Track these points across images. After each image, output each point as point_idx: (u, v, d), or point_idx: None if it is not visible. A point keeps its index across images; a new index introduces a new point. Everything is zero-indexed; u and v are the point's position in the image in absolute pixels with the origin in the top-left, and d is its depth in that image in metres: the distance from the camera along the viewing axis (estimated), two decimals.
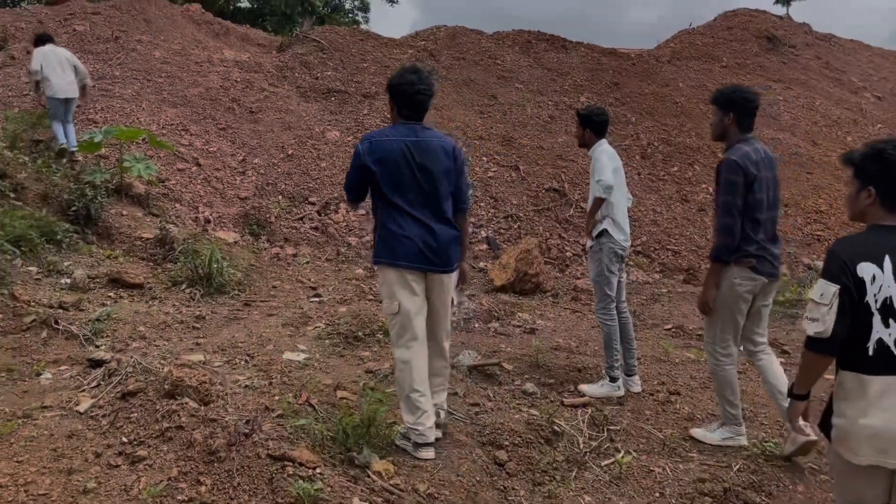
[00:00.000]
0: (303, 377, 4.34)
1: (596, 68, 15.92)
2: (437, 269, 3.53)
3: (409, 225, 3.46)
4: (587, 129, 5.07)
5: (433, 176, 3.50)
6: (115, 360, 3.83)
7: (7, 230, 6.53)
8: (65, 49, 9.69)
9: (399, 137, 3.50)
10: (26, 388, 3.90)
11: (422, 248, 3.44)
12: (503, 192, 11.15)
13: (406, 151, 3.46)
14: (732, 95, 4.11)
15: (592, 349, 6.25)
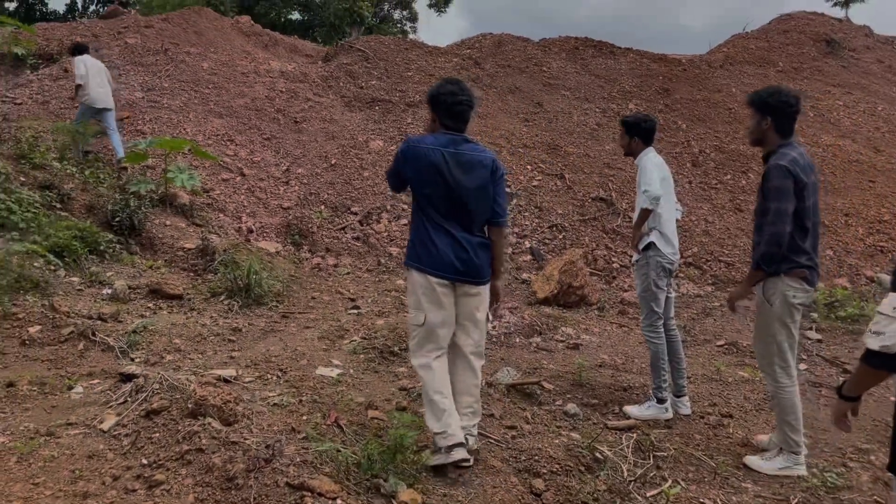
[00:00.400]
0: (334, 394, 4.20)
1: (645, 74, 15.53)
2: (466, 280, 3.47)
3: (440, 236, 3.43)
4: (634, 137, 4.84)
5: (469, 189, 3.44)
6: (143, 375, 3.76)
7: (51, 241, 6.60)
8: (98, 60, 9.88)
9: (439, 147, 3.45)
10: (56, 402, 3.85)
11: (452, 260, 3.40)
12: (548, 202, 10.90)
13: (443, 162, 3.41)
14: (770, 99, 3.86)
15: (639, 366, 5.98)
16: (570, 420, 4.44)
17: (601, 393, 5.06)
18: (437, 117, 3.57)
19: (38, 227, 6.72)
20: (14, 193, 6.91)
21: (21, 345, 4.91)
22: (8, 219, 6.60)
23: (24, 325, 5.17)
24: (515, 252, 9.80)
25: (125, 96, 11.32)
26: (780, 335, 3.89)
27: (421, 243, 3.46)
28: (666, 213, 4.77)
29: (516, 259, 9.59)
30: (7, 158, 7.83)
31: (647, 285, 4.71)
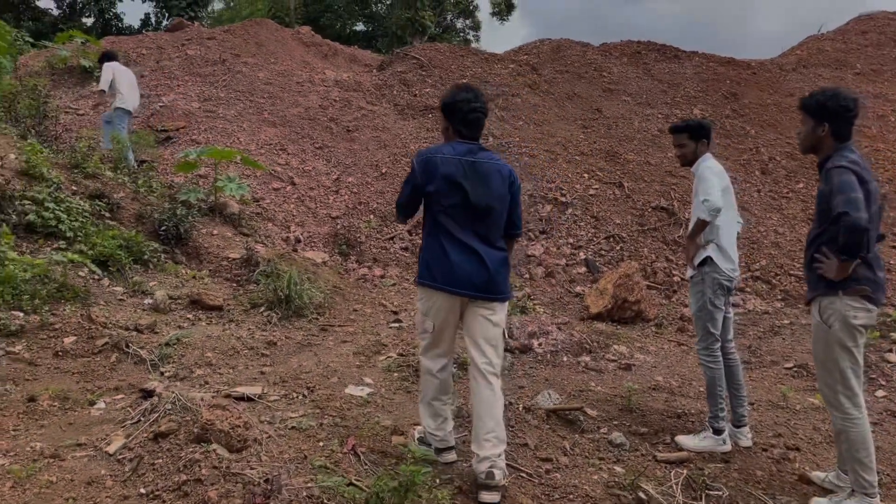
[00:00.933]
0: (360, 417, 3.96)
1: (711, 78, 14.87)
2: (484, 297, 3.36)
3: (456, 250, 3.30)
4: (692, 143, 4.45)
5: (486, 199, 3.34)
6: (158, 394, 3.60)
7: (97, 250, 6.61)
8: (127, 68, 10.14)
9: (456, 156, 3.35)
10: (74, 419, 3.74)
11: (469, 275, 3.29)
12: (605, 211, 10.47)
13: (462, 172, 3.32)
14: (828, 103, 3.46)
15: (697, 390, 5.54)
16: (615, 451, 4.07)
17: (652, 420, 4.67)
18: (451, 126, 3.46)
19: (84, 237, 6.74)
20: (64, 203, 6.96)
21: (54, 356, 4.86)
22: (56, 228, 6.65)
23: (61, 335, 5.14)
24: (569, 264, 9.41)
25: (182, 106, 11.47)
26: (842, 361, 3.47)
27: (435, 259, 3.33)
28: (725, 224, 4.36)
29: (569, 271, 9.20)
30: (61, 168, 7.94)
31: (702, 304, 4.31)
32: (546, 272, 9.07)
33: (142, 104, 11.41)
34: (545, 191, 10.72)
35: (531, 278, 8.91)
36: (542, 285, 8.78)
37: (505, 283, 3.42)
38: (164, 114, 11.30)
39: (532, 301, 7.88)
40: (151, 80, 12.66)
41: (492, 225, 3.38)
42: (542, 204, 10.46)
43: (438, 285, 3.31)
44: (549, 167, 11.28)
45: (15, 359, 4.73)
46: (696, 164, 4.43)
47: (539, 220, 10.18)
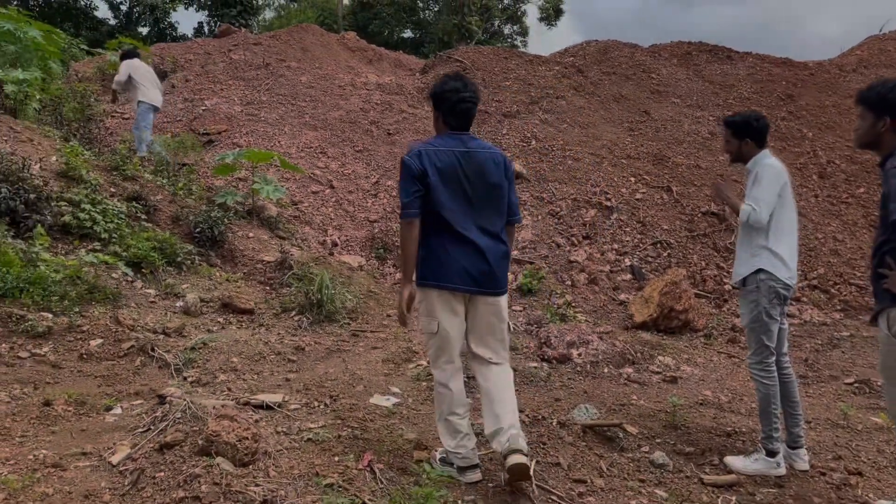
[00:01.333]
0: (382, 429, 3.75)
1: (766, 80, 14.30)
2: (486, 292, 3.27)
3: (457, 245, 3.21)
4: (746, 139, 4.11)
5: (484, 189, 3.28)
6: (169, 401, 3.45)
7: (131, 252, 6.57)
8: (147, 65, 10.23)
9: (449, 148, 3.25)
10: (87, 425, 3.61)
11: (469, 270, 3.20)
12: (652, 216, 10.07)
13: (457, 163, 3.23)
14: (888, 95, 3.12)
15: (748, 406, 5.17)
16: (657, 472, 3.76)
17: (699, 438, 4.33)
18: (440, 116, 3.36)
19: (119, 238, 6.72)
20: (100, 204, 6.96)
21: (79, 359, 4.79)
22: (91, 229, 6.63)
23: (87, 337, 5.07)
24: (614, 270, 9.06)
25: (224, 110, 11.50)
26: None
27: (435, 258, 3.22)
28: (785, 228, 4.02)
29: (614, 278, 8.85)
30: (101, 170, 7.96)
31: (756, 315, 3.96)
32: (589, 279, 8.74)
33: (185, 108, 11.50)
34: (589, 195, 10.38)
35: (573, 285, 8.59)
36: (584, 292, 8.45)
37: (505, 276, 3.36)
38: (207, 117, 11.35)
39: (573, 309, 7.58)
40: (196, 85, 12.76)
41: (492, 215, 3.30)
42: (585, 208, 10.13)
43: (440, 283, 3.21)
44: (593, 171, 10.93)
45: (39, 361, 4.67)
46: (752, 161, 4.10)
47: (583, 224, 9.85)
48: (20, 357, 4.62)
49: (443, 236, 3.21)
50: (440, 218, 3.20)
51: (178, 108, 11.59)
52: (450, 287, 3.20)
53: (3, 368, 4.41)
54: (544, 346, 5.80)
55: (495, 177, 3.29)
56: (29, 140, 8.01)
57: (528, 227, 9.68)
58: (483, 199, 3.26)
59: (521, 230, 9.62)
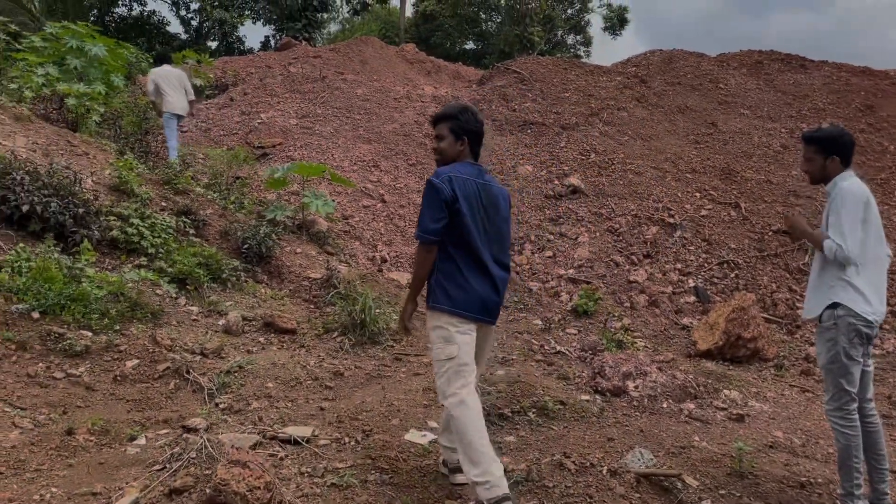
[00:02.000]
0: (415, 472, 3.46)
1: (843, 90, 13.48)
2: (491, 321, 3.37)
3: (477, 274, 3.24)
4: (832, 157, 3.65)
5: (498, 221, 3.35)
6: (184, 439, 3.24)
7: (177, 267, 6.49)
8: (179, 70, 10.27)
9: (472, 177, 3.28)
10: (107, 457, 3.44)
11: (485, 300, 3.26)
12: (719, 234, 9.52)
13: (477, 192, 3.27)
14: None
15: (825, 451, 4.68)
16: None
17: (768, 490, 3.89)
18: (468, 144, 3.37)
19: (165, 254, 6.65)
20: (149, 219, 6.92)
21: (113, 381, 4.67)
22: (139, 244, 6.59)
23: (124, 358, 4.96)
24: (676, 292, 8.56)
25: (280, 123, 11.49)
26: None
27: (456, 285, 3.21)
28: (867, 256, 3.56)
29: (676, 300, 8.36)
30: (154, 184, 7.97)
31: (834, 355, 3.52)
32: (649, 300, 8.28)
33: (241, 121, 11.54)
34: (651, 211, 9.90)
35: (632, 307, 8.14)
36: (643, 315, 8.00)
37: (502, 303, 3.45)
38: (262, 130, 11.36)
39: (631, 334, 7.14)
40: (253, 98, 12.83)
41: (504, 247, 3.39)
42: (646, 225, 9.65)
43: (460, 311, 3.20)
44: (655, 185, 10.44)
45: (74, 382, 4.56)
46: (831, 184, 3.66)
47: (643, 242, 9.38)
48: (55, 377, 4.52)
49: (462, 266, 3.21)
50: (466, 245, 3.20)
51: (235, 122, 11.64)
52: (469, 316, 3.21)
53: (35, 390, 4.31)
54: (598, 377, 5.42)
55: (505, 211, 3.39)
56: (85, 154, 8.08)
57: (584, 245, 9.27)
58: (496, 231, 3.32)
59: (577, 247, 9.22)
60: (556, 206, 10.00)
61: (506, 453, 3.90)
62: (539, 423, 4.40)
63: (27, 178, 6.05)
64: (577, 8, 39.59)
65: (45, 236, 5.83)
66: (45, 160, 7.00)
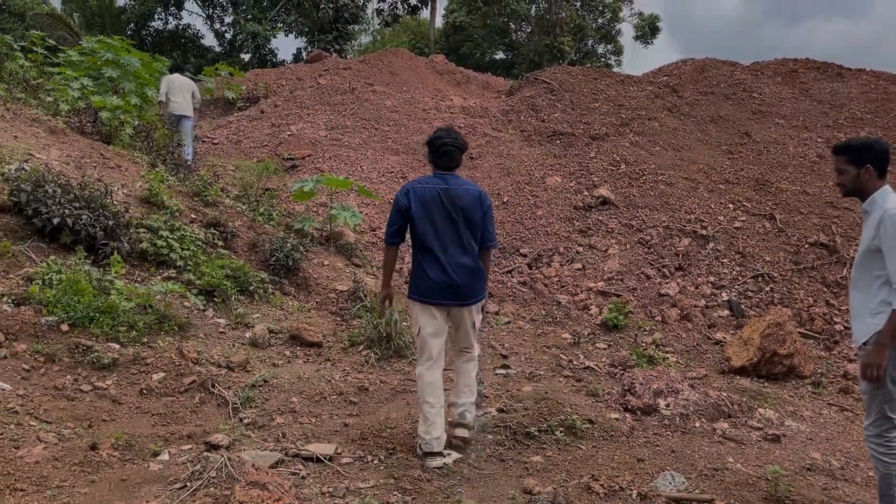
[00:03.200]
0: (437, 493, 3.39)
1: (882, 98, 13.13)
2: (457, 304, 4.07)
3: (435, 267, 3.98)
4: (866, 166, 3.45)
5: (460, 220, 4.02)
6: (203, 457, 3.21)
7: (205, 279, 6.52)
8: (186, 78, 11.26)
9: (432, 185, 4.06)
10: (129, 474, 3.43)
11: (444, 288, 3.98)
12: (753, 247, 9.30)
13: (438, 197, 4.01)
14: None
15: (865, 475, 4.50)
16: None
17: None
18: (430, 159, 4.20)
19: (194, 266, 6.69)
20: (178, 231, 6.97)
21: (139, 394, 4.68)
22: (168, 256, 6.63)
23: (151, 370, 4.97)
24: (709, 306, 8.37)
25: (309, 135, 11.55)
26: None
27: (419, 277, 4.05)
28: None
29: (709, 314, 8.16)
30: (184, 196, 8.05)
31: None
32: (681, 314, 8.10)
33: (272, 133, 11.63)
34: (683, 222, 9.72)
35: (663, 321, 7.97)
36: (675, 329, 7.82)
37: (474, 290, 4.09)
38: (292, 142, 11.42)
39: (662, 349, 6.99)
40: (283, 110, 12.93)
41: (466, 241, 4.04)
42: (678, 237, 9.48)
43: (421, 298, 4.04)
44: (688, 196, 10.25)
45: (101, 395, 4.58)
46: (869, 201, 3.47)
47: (675, 255, 9.20)
48: (82, 390, 4.54)
49: (423, 261, 4.01)
50: (421, 243, 4.02)
51: (265, 134, 11.73)
52: (429, 301, 4.01)
53: (62, 403, 4.33)
54: (628, 394, 5.29)
55: (471, 209, 4.04)
56: (117, 166, 8.19)
57: (614, 257, 9.13)
58: (459, 227, 4.01)
59: (607, 260, 9.09)
60: (585, 217, 9.87)
61: (532, 474, 3.81)
62: (567, 442, 4.30)
63: (59, 191, 6.13)
64: (608, 17, 39.38)
65: (75, 248, 5.89)
66: (78, 172, 7.09)
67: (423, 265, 3.99)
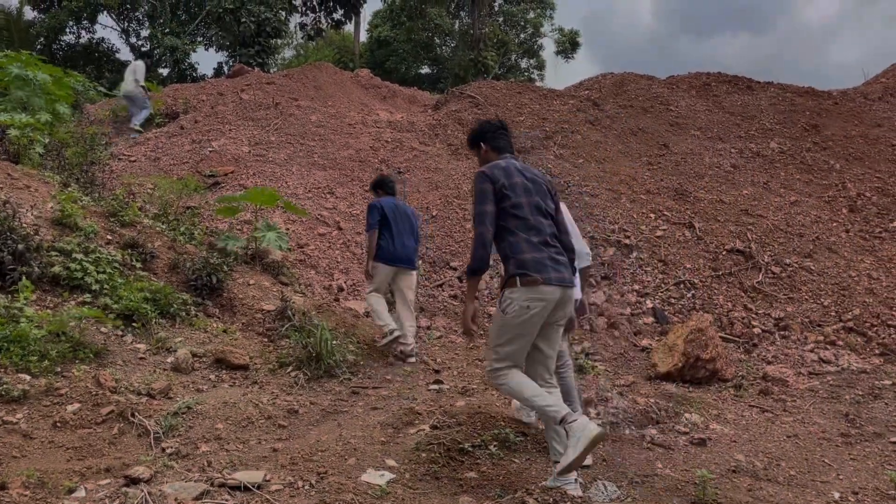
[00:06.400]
0: None
1: (789, 110, 13.87)
2: (403, 266, 6.79)
3: (390, 243, 6.69)
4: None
5: (405, 225, 6.81)
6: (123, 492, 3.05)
7: (123, 303, 6.24)
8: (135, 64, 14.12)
9: (391, 203, 6.90)
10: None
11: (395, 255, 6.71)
12: (674, 255, 9.61)
13: (396, 207, 6.87)
14: None
15: (787, 474, 4.67)
16: None
17: None
18: (379, 190, 7.24)
19: (111, 289, 6.39)
20: (93, 253, 6.65)
21: (52, 427, 4.41)
22: (82, 280, 6.31)
23: (65, 402, 4.70)
24: (635, 313, 8.59)
25: (232, 151, 11.29)
26: None
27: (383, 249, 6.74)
28: None
29: (635, 322, 8.37)
30: (99, 216, 7.70)
31: None
32: (608, 323, 8.28)
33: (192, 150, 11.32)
34: (607, 233, 9.96)
35: (592, 330, 8.13)
36: (603, 338, 7.98)
37: (415, 259, 7.00)
38: (214, 159, 11.13)
39: (591, 358, 7.11)
40: (204, 126, 12.60)
41: (407, 235, 6.81)
42: (604, 247, 9.70)
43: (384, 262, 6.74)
44: (611, 207, 10.52)
45: (11, 430, 4.29)
46: None
47: (601, 264, 9.41)
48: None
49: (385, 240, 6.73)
50: (387, 230, 6.73)
51: (186, 150, 11.39)
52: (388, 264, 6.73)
53: None
54: None
55: (412, 218, 6.98)
56: (26, 187, 7.77)
57: None
58: (406, 228, 6.80)
59: None
60: None
61: (466, 491, 3.78)
62: (501, 456, 4.29)
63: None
64: (530, 32, 40.23)
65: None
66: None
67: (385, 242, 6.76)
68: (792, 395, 6.75)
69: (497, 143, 4.11)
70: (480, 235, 3.69)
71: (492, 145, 4.12)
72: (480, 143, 4.18)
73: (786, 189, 11.24)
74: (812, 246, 9.84)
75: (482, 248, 3.68)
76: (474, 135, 4.28)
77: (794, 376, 7.19)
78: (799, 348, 8.02)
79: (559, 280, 3.68)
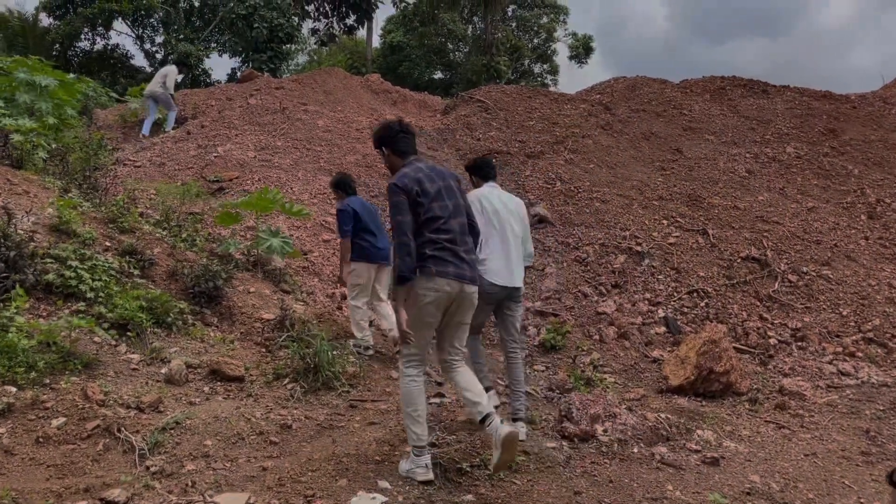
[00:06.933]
0: None
1: (806, 114, 13.55)
2: (383, 263, 6.79)
3: (370, 243, 6.75)
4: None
5: (376, 222, 6.94)
6: None
7: (117, 312, 6.08)
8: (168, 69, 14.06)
9: (359, 202, 7.00)
10: None
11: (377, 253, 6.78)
12: (687, 262, 9.34)
13: (368, 208, 7.02)
14: None
15: (805, 497, 4.41)
16: None
17: None
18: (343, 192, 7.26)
19: (106, 297, 6.24)
20: (89, 260, 6.51)
21: (35, 443, 4.25)
22: (77, 288, 6.16)
23: (50, 416, 4.54)
24: (646, 323, 8.33)
25: (237, 156, 11.16)
26: None
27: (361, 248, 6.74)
28: None
29: (646, 332, 8.12)
30: (98, 222, 7.57)
31: None
32: (618, 333, 8.02)
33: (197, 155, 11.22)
34: (618, 239, 9.71)
35: (601, 340, 7.88)
36: (613, 349, 7.73)
37: None
38: (218, 164, 11.00)
39: (600, 370, 6.87)
40: (210, 131, 12.49)
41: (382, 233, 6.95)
42: (614, 254, 9.45)
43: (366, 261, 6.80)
44: (622, 213, 10.27)
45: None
46: None
47: (611, 272, 9.16)
48: None
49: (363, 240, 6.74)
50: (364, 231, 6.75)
51: (191, 156, 11.27)
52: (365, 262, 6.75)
53: None
54: (565, 420, 5.11)
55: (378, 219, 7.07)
56: (25, 192, 7.66)
57: (551, 276, 9.03)
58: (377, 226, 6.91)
59: (544, 279, 8.97)
60: None
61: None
62: (500, 476, 4.08)
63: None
64: (544, 38, 40.03)
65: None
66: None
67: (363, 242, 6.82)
68: (810, 409, 6.47)
69: (398, 147, 4.23)
70: (404, 245, 3.87)
71: (393, 149, 4.24)
72: (382, 147, 4.31)
73: (803, 195, 10.94)
74: (830, 253, 9.54)
75: (407, 257, 3.85)
76: (376, 139, 4.40)
77: (812, 390, 6.91)
78: (817, 360, 7.73)
79: (458, 275, 3.96)
